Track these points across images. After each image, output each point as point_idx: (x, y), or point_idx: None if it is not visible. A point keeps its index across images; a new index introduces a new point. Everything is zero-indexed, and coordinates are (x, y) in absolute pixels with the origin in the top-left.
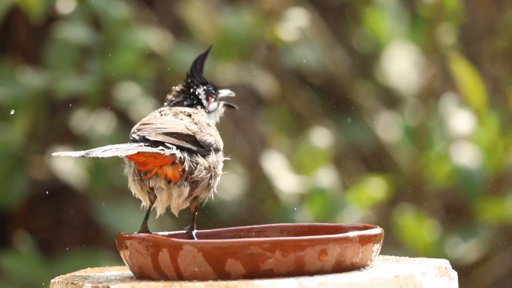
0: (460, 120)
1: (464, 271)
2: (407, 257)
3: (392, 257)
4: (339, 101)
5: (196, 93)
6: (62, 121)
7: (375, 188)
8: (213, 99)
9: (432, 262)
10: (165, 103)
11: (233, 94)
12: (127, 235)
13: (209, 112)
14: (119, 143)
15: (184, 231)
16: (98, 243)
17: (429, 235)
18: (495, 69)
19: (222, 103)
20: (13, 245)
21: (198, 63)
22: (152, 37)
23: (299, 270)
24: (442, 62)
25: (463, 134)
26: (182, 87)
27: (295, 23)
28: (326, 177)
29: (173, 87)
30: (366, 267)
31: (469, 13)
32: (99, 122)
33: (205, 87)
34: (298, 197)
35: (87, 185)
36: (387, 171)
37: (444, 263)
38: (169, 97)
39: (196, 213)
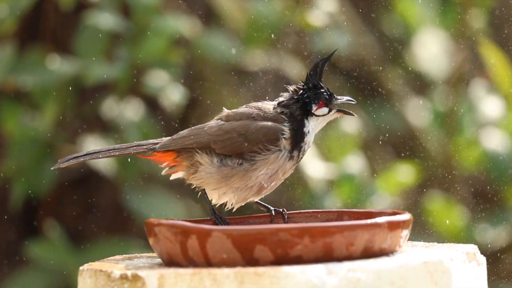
0: (489, 106)
1: (492, 256)
2: (435, 243)
3: (421, 243)
4: (369, 86)
5: (305, 95)
6: (91, 108)
7: (404, 174)
8: (324, 104)
9: (460, 248)
10: (276, 100)
11: (354, 102)
12: (156, 222)
13: (316, 116)
14: (147, 129)
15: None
16: (127, 230)
17: (458, 220)
18: None
19: (335, 109)
20: (43, 233)
21: (319, 67)
22: (181, 24)
23: (327, 256)
24: (472, 47)
25: (493, 119)
26: (296, 88)
27: (324, 9)
28: (355, 163)
29: (290, 86)
30: (394, 253)
31: None
32: (128, 109)
33: (318, 91)
34: (327, 183)
35: (116, 172)
36: (416, 157)
37: (473, 248)
38: (283, 95)
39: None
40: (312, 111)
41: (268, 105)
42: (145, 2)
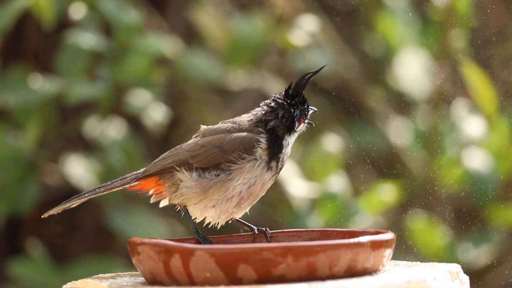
0: (471, 125)
1: (475, 275)
2: (418, 262)
3: (404, 262)
4: (350, 106)
5: (295, 114)
6: (74, 127)
7: (386, 193)
8: (304, 120)
9: (443, 267)
10: (253, 112)
11: (317, 111)
12: (139, 241)
13: (296, 132)
14: (130, 148)
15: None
16: (110, 249)
17: (440, 240)
18: (506, 73)
19: (305, 123)
20: (25, 252)
21: (305, 80)
22: (163, 43)
23: (311, 275)
24: (453, 67)
25: (474, 139)
26: (279, 103)
27: (306, 29)
28: (337, 182)
29: (270, 101)
30: (377, 272)
31: (480, 17)
32: (111, 128)
33: (301, 107)
34: (310, 202)
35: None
36: (398, 176)
37: (456, 267)
38: (264, 109)
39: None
40: (295, 129)
41: (243, 119)
42: (126, 22)
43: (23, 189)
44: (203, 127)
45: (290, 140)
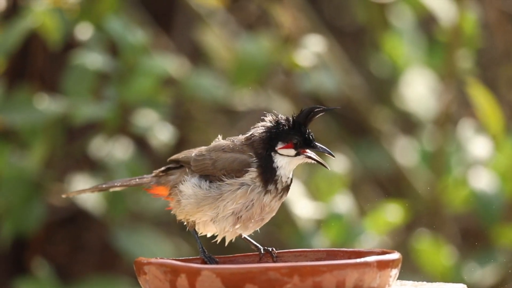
0: (477, 145)
1: None
2: (424, 282)
3: (410, 282)
4: (357, 126)
5: (273, 131)
6: (80, 147)
7: (392, 213)
8: (292, 147)
9: (449, 287)
10: (250, 131)
11: (333, 156)
12: (145, 261)
13: (279, 154)
14: (136, 169)
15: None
16: (115, 268)
17: (446, 260)
18: None
19: (304, 155)
20: (31, 271)
21: (313, 113)
22: (170, 63)
23: None
24: (460, 87)
25: (481, 159)
26: (274, 120)
27: (312, 49)
28: (343, 202)
29: (267, 119)
30: None
31: (486, 38)
32: (117, 148)
33: (291, 132)
34: (315, 223)
35: (105, 211)
36: (404, 196)
37: (462, 287)
38: (262, 124)
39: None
40: (276, 148)
41: (242, 138)
42: (133, 42)
43: (29, 209)
44: (218, 137)
45: (279, 163)
